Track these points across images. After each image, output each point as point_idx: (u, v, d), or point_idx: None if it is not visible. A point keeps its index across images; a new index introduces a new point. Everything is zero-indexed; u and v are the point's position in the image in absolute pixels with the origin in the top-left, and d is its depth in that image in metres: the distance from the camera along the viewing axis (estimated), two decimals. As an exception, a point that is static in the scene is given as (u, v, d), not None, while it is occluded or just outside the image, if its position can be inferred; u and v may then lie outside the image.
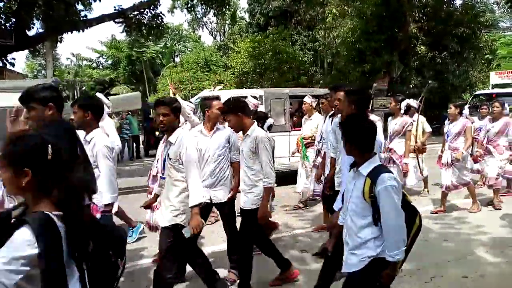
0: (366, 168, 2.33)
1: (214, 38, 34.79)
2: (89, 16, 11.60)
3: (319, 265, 4.21)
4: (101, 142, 3.01)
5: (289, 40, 22.74)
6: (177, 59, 32.40)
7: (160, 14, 11.91)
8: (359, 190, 2.33)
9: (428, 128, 7.34)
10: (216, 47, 28.62)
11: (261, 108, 7.94)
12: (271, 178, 3.37)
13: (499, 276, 3.91)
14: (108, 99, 5.51)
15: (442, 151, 6.31)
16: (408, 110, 6.23)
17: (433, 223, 5.64)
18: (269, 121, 4.76)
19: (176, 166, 3.08)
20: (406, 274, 3.97)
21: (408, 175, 6.48)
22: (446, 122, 6.37)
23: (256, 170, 3.42)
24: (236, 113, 3.37)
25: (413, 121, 6.76)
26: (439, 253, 4.54)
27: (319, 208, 5.74)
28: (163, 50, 30.32)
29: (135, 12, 11.58)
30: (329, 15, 18.65)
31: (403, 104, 5.93)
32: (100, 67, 37.08)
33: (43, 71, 34.65)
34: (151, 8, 11.64)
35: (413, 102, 7.10)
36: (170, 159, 3.10)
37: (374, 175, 2.28)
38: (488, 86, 21.58)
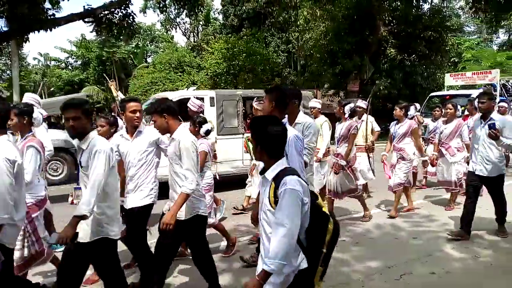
0: (271, 173, 2.19)
1: (188, 38, 34.48)
2: (58, 15, 11.24)
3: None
4: (1, 154, 2.63)
5: (263, 41, 22.82)
6: (149, 60, 31.89)
7: (132, 14, 11.64)
8: (266, 197, 2.19)
9: (377, 128, 7.31)
10: (190, 47, 28.37)
11: (213, 110, 7.90)
12: (190, 184, 3.06)
13: (465, 272, 4.05)
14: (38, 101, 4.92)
15: (387, 151, 6.42)
16: (354, 113, 5.93)
17: (402, 221, 5.79)
18: (207, 125, 4.62)
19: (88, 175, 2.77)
20: (376, 272, 4.06)
21: (359, 175, 6.35)
22: (393, 123, 6.42)
23: (184, 175, 3.16)
24: (161, 114, 3.19)
25: (362, 121, 6.87)
26: (409, 250, 4.66)
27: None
28: (135, 51, 29.75)
29: (105, 12, 11.28)
30: (301, 18, 18.86)
31: (347, 108, 5.72)
32: (70, 67, 36.03)
33: (8, 72, 33.38)
34: (122, 7, 11.37)
35: (362, 103, 7.20)
36: (81, 167, 2.86)
37: (278, 179, 2.13)
38: (454, 88, 22.43)
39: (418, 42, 17.55)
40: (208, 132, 4.63)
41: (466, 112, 8.35)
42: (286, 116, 3.51)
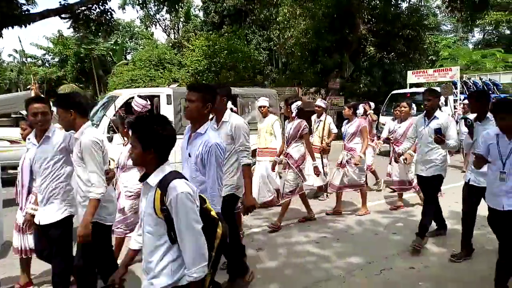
0: (155, 178, 2.01)
1: (168, 35, 34.07)
2: (33, 11, 10.93)
3: (276, 263, 4.28)
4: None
5: (244, 39, 22.78)
6: (129, 57, 31.39)
7: (110, 10, 11.47)
8: (150, 205, 2.00)
9: (335, 129, 6.96)
10: (170, 44, 28.06)
11: (170, 108, 7.55)
12: (97, 188, 2.87)
13: (442, 266, 4.14)
14: None
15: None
16: (300, 112, 5.49)
17: (382, 217, 5.89)
18: None
19: None
20: (357, 268, 4.11)
21: (311, 177, 6.20)
22: (344, 122, 6.24)
23: (86, 179, 2.94)
24: (67, 108, 2.94)
25: (320, 120, 6.76)
26: (388, 246, 4.74)
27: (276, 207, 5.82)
28: (114, 47, 29.21)
29: (83, 8, 11.07)
30: (281, 15, 18.90)
31: (293, 107, 5.38)
32: (46, 64, 35.15)
33: (-19, 68, 32.34)
34: (100, 3, 11.17)
35: (321, 102, 6.97)
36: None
37: (164, 184, 1.96)
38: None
39: (397, 40, 17.81)
40: None
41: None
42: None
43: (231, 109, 3.99)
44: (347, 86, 18.12)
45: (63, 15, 10.79)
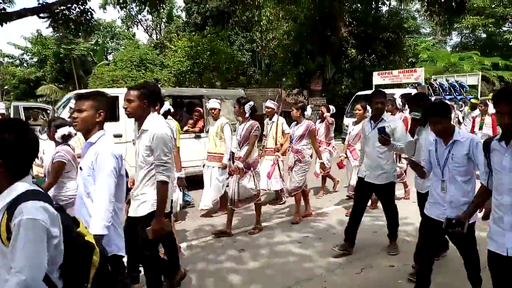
0: (4, 199, 1.59)
1: (150, 36, 33.80)
2: (9, 10, 10.68)
3: (258, 264, 4.29)
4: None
5: (227, 40, 22.76)
6: (110, 57, 30.97)
7: (90, 10, 11.28)
8: None
9: (288, 129, 6.53)
10: (152, 45, 27.83)
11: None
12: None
13: (421, 263, 4.22)
14: None
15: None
16: (253, 113, 5.21)
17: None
18: (63, 130, 3.79)
19: None
20: (338, 267, 4.16)
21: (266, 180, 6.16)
22: (293, 124, 6.08)
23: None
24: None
25: (272, 122, 6.57)
26: (369, 244, 4.80)
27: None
28: (95, 48, 28.76)
29: (62, 7, 10.87)
30: (264, 18, 18.99)
31: (247, 108, 5.12)
32: (25, 64, 34.35)
33: (-45, 68, 31.37)
34: (79, 3, 10.99)
35: (270, 103, 6.71)
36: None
37: (13, 207, 1.54)
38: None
39: (377, 43, 18.13)
40: (65, 138, 3.82)
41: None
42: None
43: (167, 112, 3.82)
44: (329, 87, 18.32)
45: (41, 15, 10.58)
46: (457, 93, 13.97)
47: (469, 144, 2.96)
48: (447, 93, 13.62)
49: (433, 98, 11.91)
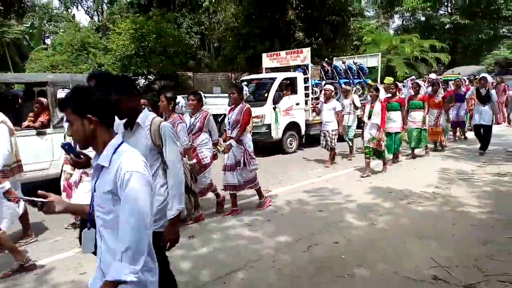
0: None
1: (91, 18, 32.09)
2: None
3: (208, 249, 4.33)
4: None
5: (174, 22, 22.08)
6: (48, 41, 29.07)
7: (21, -10, 10.51)
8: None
9: None
10: (94, 28, 26.42)
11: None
12: None
13: (363, 239, 4.48)
14: None
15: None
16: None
17: (309, 196, 6.19)
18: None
19: None
20: (285, 246, 4.31)
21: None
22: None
23: None
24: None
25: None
26: (315, 223, 5.00)
27: (210, 194, 5.80)
28: (31, 31, 26.83)
29: (-11, -14, 10.01)
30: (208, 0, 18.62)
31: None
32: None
33: None
34: (9, -18, 10.18)
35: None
36: None
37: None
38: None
39: (324, 26, 18.46)
40: None
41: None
42: None
43: None
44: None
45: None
46: (355, 76, 12.85)
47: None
48: (343, 77, 12.48)
49: (323, 83, 11.40)
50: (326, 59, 14.24)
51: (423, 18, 30.80)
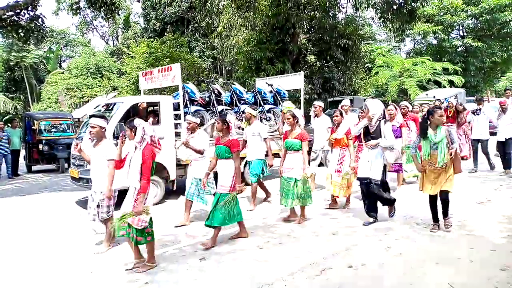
0: None
1: (106, 42, 32.95)
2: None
3: (219, 272, 4.25)
4: None
5: (187, 46, 22.59)
6: (64, 65, 29.85)
7: (40, 16, 10.88)
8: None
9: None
10: (109, 52, 27.12)
11: None
12: None
13: (378, 263, 4.34)
14: None
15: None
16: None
17: (322, 219, 6.07)
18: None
19: None
20: (298, 270, 4.19)
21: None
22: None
23: None
24: None
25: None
26: (329, 246, 4.89)
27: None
28: (48, 55, 27.65)
29: (10, 13, 10.40)
30: (222, 24, 19.01)
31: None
32: (-29, 73, 32.44)
33: None
34: (29, 8, 10.56)
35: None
36: None
37: None
38: (368, 92, 24.08)
39: (335, 49, 18.60)
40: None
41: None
42: None
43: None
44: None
45: (-13, 21, 10.07)
46: (265, 102, 9.87)
47: None
48: (270, 102, 10.02)
49: (239, 108, 9.01)
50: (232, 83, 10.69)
51: (434, 42, 30.87)
